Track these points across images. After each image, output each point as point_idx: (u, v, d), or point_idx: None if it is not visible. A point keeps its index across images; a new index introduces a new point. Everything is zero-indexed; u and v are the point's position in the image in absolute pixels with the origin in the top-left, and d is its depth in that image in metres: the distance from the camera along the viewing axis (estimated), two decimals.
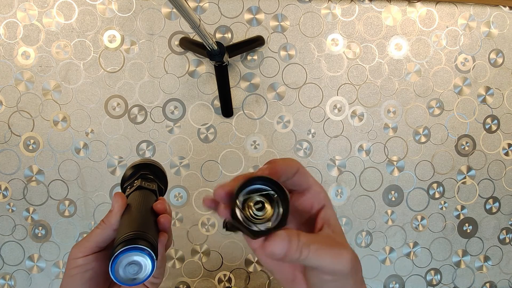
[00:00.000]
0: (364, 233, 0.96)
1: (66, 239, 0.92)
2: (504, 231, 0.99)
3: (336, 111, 0.92)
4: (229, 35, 0.89)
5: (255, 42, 0.88)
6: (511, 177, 0.97)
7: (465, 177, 0.96)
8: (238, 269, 0.94)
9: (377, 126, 0.93)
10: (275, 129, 0.92)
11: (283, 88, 0.91)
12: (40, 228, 0.91)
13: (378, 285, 0.97)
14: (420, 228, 0.97)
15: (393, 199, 0.95)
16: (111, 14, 0.88)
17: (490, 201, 0.98)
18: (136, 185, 0.41)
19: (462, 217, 0.97)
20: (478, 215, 0.98)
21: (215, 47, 0.72)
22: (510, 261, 1.00)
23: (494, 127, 0.96)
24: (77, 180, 0.91)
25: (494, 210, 0.98)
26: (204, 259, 0.94)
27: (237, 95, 0.91)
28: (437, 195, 0.96)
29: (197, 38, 0.88)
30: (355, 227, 0.96)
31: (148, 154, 0.90)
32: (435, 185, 0.96)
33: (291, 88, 0.91)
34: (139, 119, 0.90)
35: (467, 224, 0.98)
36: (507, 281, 1.00)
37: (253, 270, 0.94)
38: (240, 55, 0.89)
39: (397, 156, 0.94)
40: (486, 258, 0.99)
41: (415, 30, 0.92)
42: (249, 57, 0.90)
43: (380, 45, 0.91)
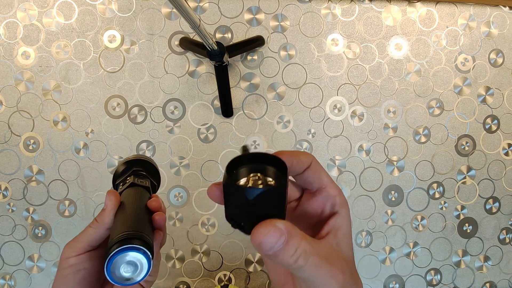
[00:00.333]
0: (364, 233, 0.96)
1: (66, 239, 0.92)
2: (504, 231, 0.99)
3: (336, 111, 0.92)
4: (229, 35, 0.89)
5: (255, 42, 0.88)
6: (511, 177, 0.97)
7: (465, 177, 0.96)
8: (238, 269, 0.94)
9: (377, 126, 0.93)
10: (275, 129, 0.92)
11: (283, 88, 0.91)
12: (40, 228, 0.91)
13: (378, 285, 0.97)
14: (420, 228, 0.96)
15: (393, 199, 0.95)
16: (111, 14, 0.88)
17: (490, 201, 0.98)
18: (129, 182, 0.40)
19: (462, 217, 0.97)
20: (478, 215, 0.98)
21: (215, 47, 0.72)
22: (510, 261, 1.00)
23: (494, 127, 0.96)
24: (77, 180, 0.91)
25: (494, 210, 0.98)
26: (204, 259, 0.93)
27: (237, 95, 0.91)
28: (437, 195, 0.96)
29: (197, 38, 0.88)
30: (355, 227, 0.95)
31: (148, 154, 0.90)
32: (435, 185, 0.96)
33: (291, 88, 0.91)
34: (139, 119, 0.90)
35: (467, 224, 0.98)
36: (507, 281, 1.00)
37: (253, 270, 0.94)
38: (240, 55, 0.89)
39: (397, 156, 0.94)
40: (486, 258, 0.99)
41: (415, 30, 0.92)
42: (249, 57, 0.90)
43: (380, 45, 0.91)
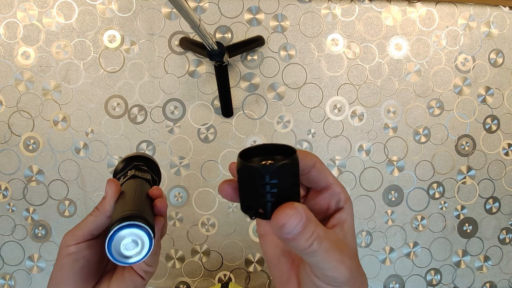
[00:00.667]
0: (364, 233, 0.96)
1: None
2: (504, 231, 0.99)
3: (336, 111, 0.92)
4: (229, 35, 0.89)
5: (255, 42, 0.88)
6: (511, 177, 0.97)
7: (465, 177, 0.96)
8: (238, 269, 0.94)
9: (377, 126, 0.93)
10: (275, 129, 0.92)
11: (283, 88, 0.91)
12: (40, 228, 0.91)
13: (378, 285, 0.97)
14: (420, 228, 0.96)
15: (393, 199, 0.95)
16: (111, 14, 0.88)
17: (490, 201, 0.98)
18: (129, 174, 0.39)
19: (462, 217, 0.97)
20: (478, 215, 0.98)
21: (215, 47, 0.72)
22: (510, 261, 1.00)
23: (494, 127, 0.96)
24: (77, 180, 0.91)
25: (494, 210, 0.98)
26: (204, 259, 0.93)
27: (237, 95, 0.91)
28: (437, 195, 0.96)
29: (197, 38, 0.88)
30: (355, 227, 0.95)
31: (148, 154, 0.90)
32: (435, 185, 0.96)
33: (291, 88, 0.91)
34: (139, 119, 0.90)
35: (467, 224, 0.98)
36: (507, 281, 1.00)
37: (253, 270, 0.94)
38: (240, 55, 0.89)
39: (397, 156, 0.94)
40: (486, 258, 0.99)
41: (415, 30, 0.92)
42: (249, 57, 0.90)
43: (380, 45, 0.91)
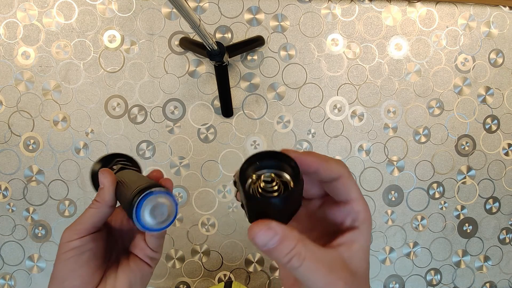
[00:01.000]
0: None
1: None
2: (504, 231, 0.99)
3: (336, 111, 0.92)
4: (229, 35, 0.89)
5: (255, 42, 0.88)
6: (511, 177, 0.97)
7: (465, 177, 0.96)
8: (238, 269, 0.94)
9: (377, 126, 0.93)
10: (275, 129, 0.92)
11: (283, 88, 0.91)
12: (40, 228, 0.91)
13: (378, 285, 0.97)
14: (420, 228, 0.96)
15: (393, 199, 0.95)
16: (111, 14, 0.88)
17: (490, 201, 0.98)
18: (117, 168, 0.37)
19: (462, 217, 0.97)
20: (478, 215, 0.98)
21: (215, 47, 0.72)
22: (510, 261, 1.00)
23: (494, 127, 0.96)
24: (77, 180, 0.91)
25: (494, 210, 0.98)
26: (204, 259, 0.93)
27: (237, 95, 0.91)
28: (437, 195, 0.96)
29: (197, 38, 0.88)
30: None
31: (148, 154, 0.90)
32: (435, 185, 0.96)
33: (291, 88, 0.91)
34: (139, 119, 0.90)
35: (467, 224, 0.98)
36: (507, 281, 1.00)
37: (253, 270, 0.94)
38: (240, 55, 0.89)
39: (397, 156, 0.94)
40: (486, 258, 0.99)
41: (415, 30, 0.92)
42: (249, 57, 0.90)
43: (380, 45, 0.91)
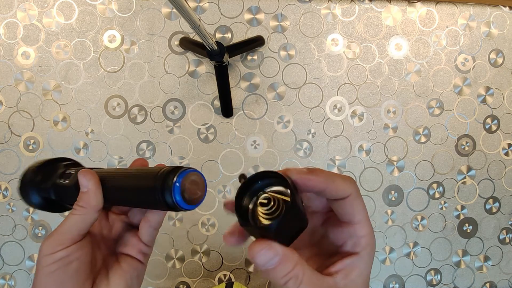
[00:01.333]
0: None
1: None
2: (504, 231, 0.99)
3: (336, 111, 0.92)
4: (229, 35, 0.89)
5: (255, 42, 0.88)
6: (511, 177, 0.97)
7: (465, 177, 0.96)
8: (238, 269, 0.94)
9: (377, 126, 0.93)
10: (275, 129, 0.92)
11: (283, 88, 0.91)
12: (40, 228, 0.91)
13: (378, 285, 0.97)
14: (420, 228, 0.96)
15: (393, 199, 0.95)
16: (111, 14, 0.88)
17: (490, 201, 0.98)
18: (73, 172, 0.32)
19: (462, 217, 0.97)
20: (478, 215, 0.98)
21: (215, 47, 0.72)
22: (510, 261, 1.00)
23: (494, 127, 0.96)
24: None
25: (494, 210, 0.98)
26: (204, 259, 0.93)
27: (237, 95, 0.91)
28: (437, 195, 0.96)
29: (197, 38, 0.88)
30: None
31: (148, 154, 0.90)
32: (435, 185, 0.96)
33: (291, 88, 0.91)
34: (139, 119, 0.90)
35: (467, 224, 0.98)
36: (507, 281, 1.00)
37: (253, 270, 0.94)
38: (240, 55, 0.89)
39: (397, 156, 0.94)
40: (486, 258, 0.99)
41: (415, 30, 0.92)
42: (249, 57, 0.90)
43: (380, 45, 0.91)
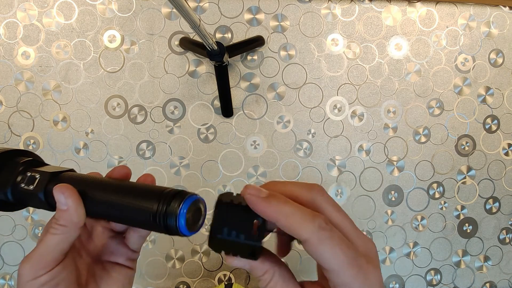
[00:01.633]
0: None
1: None
2: (504, 231, 0.99)
3: (336, 111, 0.92)
4: (229, 35, 0.89)
5: (255, 42, 0.88)
6: (511, 177, 0.97)
7: (465, 177, 0.96)
8: (238, 269, 0.94)
9: (377, 126, 0.93)
10: (275, 129, 0.92)
11: (283, 88, 0.91)
12: (40, 228, 0.91)
13: None
14: (420, 228, 0.96)
15: (393, 199, 0.95)
16: (111, 14, 0.88)
17: (490, 201, 0.98)
18: (39, 175, 0.30)
19: (462, 217, 0.97)
20: (478, 215, 0.98)
21: (215, 47, 0.72)
22: (510, 261, 1.00)
23: (494, 127, 0.96)
24: None
25: (494, 210, 0.98)
26: (204, 259, 0.93)
27: (237, 95, 0.91)
28: (437, 195, 0.96)
29: (197, 38, 0.88)
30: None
31: (148, 154, 0.90)
32: (435, 185, 0.96)
33: (291, 88, 0.91)
34: (139, 119, 0.90)
35: (467, 224, 0.98)
36: (507, 281, 1.00)
37: None
38: (240, 55, 0.89)
39: (397, 156, 0.94)
40: (486, 258, 0.99)
41: (415, 30, 0.92)
42: (249, 57, 0.90)
43: (380, 45, 0.91)
